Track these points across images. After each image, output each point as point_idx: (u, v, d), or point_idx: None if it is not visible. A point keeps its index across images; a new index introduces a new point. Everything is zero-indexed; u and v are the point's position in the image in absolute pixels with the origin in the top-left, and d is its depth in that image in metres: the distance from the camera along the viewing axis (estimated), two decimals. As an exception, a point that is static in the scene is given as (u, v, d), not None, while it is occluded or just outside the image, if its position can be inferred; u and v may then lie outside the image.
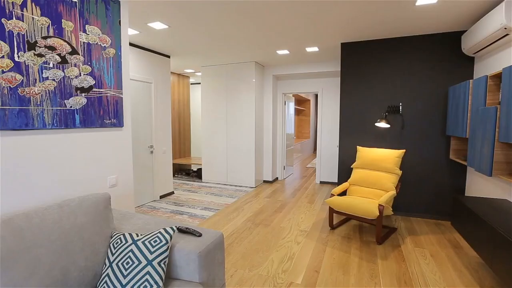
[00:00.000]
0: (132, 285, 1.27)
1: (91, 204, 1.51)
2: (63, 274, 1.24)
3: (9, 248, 1.12)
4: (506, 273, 1.59)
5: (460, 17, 2.80)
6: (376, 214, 2.66)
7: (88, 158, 1.97)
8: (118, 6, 2.18)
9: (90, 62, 1.96)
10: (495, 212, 2.05)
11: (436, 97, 3.37)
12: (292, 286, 2.11)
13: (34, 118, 1.64)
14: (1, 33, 1.47)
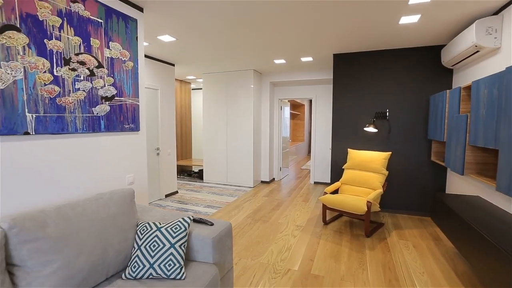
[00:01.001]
0: (159, 264, 1.54)
1: (120, 198, 1.77)
2: (103, 254, 1.51)
3: (62, 231, 1.38)
4: (476, 260, 1.87)
5: (438, 33, 3.14)
6: (365, 210, 2.96)
7: (110, 159, 2.23)
8: (135, 24, 2.45)
9: (112, 74, 2.23)
10: (468, 207, 2.37)
11: (419, 105, 3.70)
12: (290, 272, 2.38)
13: (68, 123, 1.90)
14: (43, 52, 1.74)
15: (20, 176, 1.61)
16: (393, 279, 2.28)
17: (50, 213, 1.39)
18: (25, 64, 1.64)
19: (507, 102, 1.75)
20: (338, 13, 2.60)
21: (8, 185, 1.55)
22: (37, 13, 1.70)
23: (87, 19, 2.02)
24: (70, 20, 1.90)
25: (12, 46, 1.57)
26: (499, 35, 2.40)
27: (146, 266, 1.54)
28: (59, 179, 1.83)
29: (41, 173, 1.72)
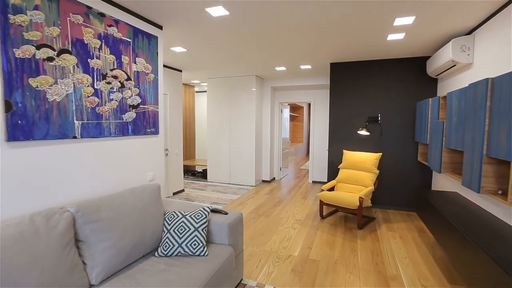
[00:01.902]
0: (186, 244, 1.89)
1: (150, 191, 2.13)
2: (142, 236, 1.86)
3: (112, 216, 1.74)
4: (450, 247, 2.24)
5: (423, 47, 3.51)
6: (357, 205, 3.33)
7: (135, 158, 2.58)
8: (156, 40, 2.81)
9: (138, 85, 2.58)
10: (445, 202, 2.74)
11: (407, 110, 4.08)
12: (291, 258, 2.74)
13: (104, 128, 2.25)
14: (87, 69, 2.09)
15: (70, 172, 1.96)
16: (380, 263, 2.65)
17: (101, 202, 1.75)
18: (74, 80, 1.99)
19: (469, 112, 2.12)
20: (334, 32, 2.97)
21: (63, 178, 1.90)
22: (83, 38, 2.05)
23: (119, 39, 2.37)
24: (107, 42, 2.25)
25: (65, 66, 1.92)
26: (472, 52, 2.78)
27: (175, 245, 1.89)
28: (98, 174, 2.18)
29: (85, 170, 2.07)
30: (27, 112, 1.71)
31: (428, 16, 2.53)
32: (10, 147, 1.62)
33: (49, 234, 1.41)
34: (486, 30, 2.54)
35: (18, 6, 1.65)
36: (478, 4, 2.27)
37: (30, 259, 1.28)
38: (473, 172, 2.02)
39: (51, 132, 1.84)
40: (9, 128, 1.62)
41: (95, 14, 2.14)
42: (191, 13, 2.55)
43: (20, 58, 1.67)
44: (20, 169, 1.66)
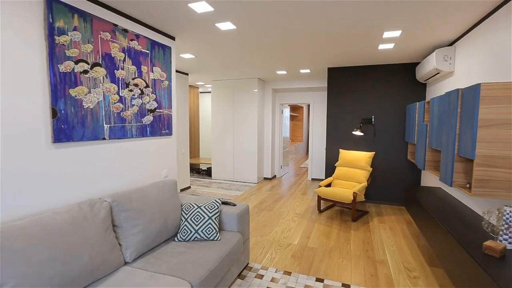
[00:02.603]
0: (202, 230, 2.21)
1: (169, 185, 2.45)
2: (164, 223, 2.18)
3: (140, 206, 2.05)
4: (430, 235, 2.57)
5: (412, 55, 3.82)
6: (351, 199, 3.65)
7: (152, 157, 2.90)
8: (170, 50, 3.11)
9: (155, 92, 2.89)
10: (429, 196, 3.06)
11: (398, 112, 4.40)
12: (291, 246, 3.07)
13: (127, 131, 2.56)
14: (114, 79, 2.40)
15: (101, 168, 2.27)
16: (370, 250, 2.97)
17: (131, 194, 2.06)
18: (104, 89, 2.30)
19: (445, 117, 2.43)
20: (331, 42, 3.27)
21: (96, 174, 2.22)
22: (111, 52, 2.36)
23: (140, 51, 2.68)
24: (129, 54, 2.56)
25: (97, 77, 2.23)
26: (453, 62, 3.09)
27: (192, 232, 2.22)
28: (123, 170, 2.49)
29: (113, 166, 2.39)
30: (68, 118, 2.02)
31: (413, 30, 2.84)
32: (55, 147, 1.93)
33: (94, 220, 1.73)
34: (464, 42, 2.86)
35: (61, 28, 1.95)
36: (455, 21, 2.58)
37: (82, 239, 1.60)
38: (447, 169, 2.34)
39: (86, 134, 2.16)
40: (55, 131, 1.93)
41: (120, 31, 2.45)
42: (202, 26, 2.86)
43: (63, 72, 1.98)
44: (64, 166, 1.98)
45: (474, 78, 2.59)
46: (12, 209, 1.65)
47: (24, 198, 1.72)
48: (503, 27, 2.14)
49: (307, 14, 2.47)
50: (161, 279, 1.65)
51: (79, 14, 2.08)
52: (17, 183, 1.68)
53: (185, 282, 1.64)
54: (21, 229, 1.38)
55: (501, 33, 2.17)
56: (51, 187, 1.88)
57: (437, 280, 2.42)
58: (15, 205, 1.67)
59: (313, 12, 2.42)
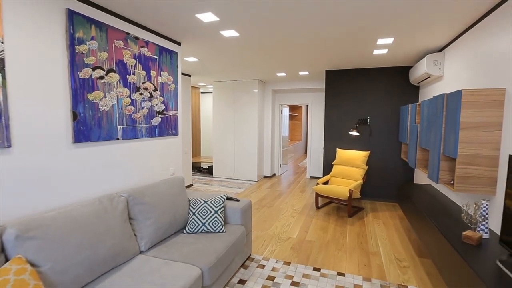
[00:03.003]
0: (208, 223, 2.41)
1: (177, 182, 2.64)
2: (174, 216, 2.37)
3: (153, 200, 2.25)
4: (419, 228, 2.77)
5: (405, 59, 4.02)
6: (347, 196, 3.85)
7: (160, 155, 3.08)
8: (176, 55, 3.30)
9: (163, 95, 3.08)
10: (419, 193, 3.27)
11: (392, 113, 4.60)
12: (290, 239, 3.27)
13: (138, 131, 2.75)
14: (126, 84, 2.58)
15: (115, 166, 2.46)
16: (364, 242, 3.18)
17: (145, 189, 2.26)
18: (117, 93, 2.49)
19: (433, 119, 2.63)
20: (328, 47, 3.46)
21: (110, 171, 2.41)
22: (124, 58, 2.55)
23: (149, 57, 2.86)
24: (140, 60, 2.74)
25: (111, 82, 2.42)
26: (442, 67, 3.29)
27: (199, 224, 2.41)
28: (134, 168, 2.68)
29: (125, 164, 2.58)
30: (86, 120, 2.20)
31: (404, 37, 3.03)
32: (75, 147, 2.12)
33: (114, 212, 1.92)
34: (452, 49, 3.06)
35: (80, 38, 2.14)
36: (442, 30, 2.78)
37: (105, 228, 1.79)
38: (434, 167, 2.55)
39: (102, 135, 2.34)
40: (75, 132, 2.12)
41: (132, 38, 2.64)
42: (207, 34, 3.04)
43: (82, 79, 2.16)
44: (83, 164, 2.17)
45: (461, 83, 2.79)
46: (39, 202, 1.85)
47: (49, 193, 1.91)
48: (485, 37, 2.34)
49: (306, 24, 2.66)
50: (174, 265, 1.84)
51: (96, 24, 2.26)
52: (43, 180, 1.87)
53: (196, 268, 1.83)
54: (53, 220, 1.58)
55: (483, 42, 2.36)
56: (72, 183, 2.07)
57: (424, 269, 2.62)
58: (42, 199, 1.86)
59: (312, 22, 2.61)
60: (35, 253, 1.42)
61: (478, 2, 2.14)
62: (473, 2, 2.13)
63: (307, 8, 2.28)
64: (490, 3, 2.15)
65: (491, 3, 2.14)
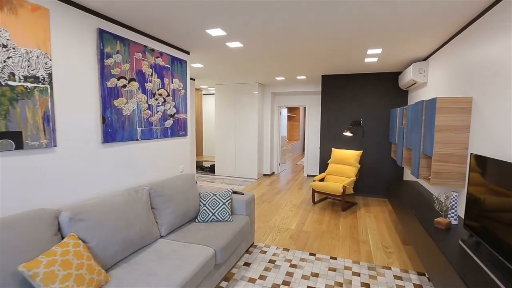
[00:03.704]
0: (217, 213, 2.75)
1: (189, 178, 2.98)
2: (188, 207, 2.71)
3: (170, 193, 2.59)
4: (404, 220, 3.13)
5: (394, 66, 4.38)
6: (341, 191, 4.21)
7: (172, 154, 3.42)
8: (186, 64, 3.64)
9: (174, 100, 3.42)
10: (406, 189, 3.62)
11: (384, 116, 4.96)
12: (289, 230, 3.62)
13: (154, 133, 3.09)
14: (144, 91, 2.92)
15: (135, 163, 2.80)
16: (355, 233, 3.54)
17: (163, 183, 2.60)
18: (137, 99, 2.82)
19: (414, 122, 2.98)
20: (323, 56, 3.81)
21: (132, 167, 2.74)
22: (142, 68, 2.88)
23: (163, 66, 3.20)
24: (155, 69, 3.08)
25: (132, 90, 2.76)
26: (427, 74, 3.65)
27: (210, 214, 2.75)
28: (150, 165, 3.02)
29: (143, 162, 2.91)
30: (112, 123, 2.54)
31: (392, 48, 3.39)
32: (104, 146, 2.46)
33: (140, 202, 2.26)
34: (435, 58, 3.41)
35: (108, 53, 2.47)
36: (423, 43, 3.13)
37: (134, 215, 2.13)
38: (415, 164, 2.90)
39: (125, 136, 2.68)
40: (104, 134, 2.45)
41: (149, 50, 2.97)
42: (214, 45, 3.38)
43: (109, 87, 2.50)
44: (109, 161, 2.50)
45: (442, 90, 3.15)
46: (78, 192, 2.18)
47: (86, 184, 2.25)
48: (460, 50, 2.69)
49: (304, 37, 3.00)
50: (191, 246, 2.19)
51: (120, 40, 2.60)
52: (80, 173, 2.21)
53: (210, 249, 2.17)
54: (95, 206, 1.91)
55: (459, 54, 2.72)
56: (102, 176, 2.41)
57: (407, 254, 2.98)
58: (80, 190, 2.20)
59: (309, 36, 2.96)
60: (84, 232, 1.76)
61: (454, 20, 2.49)
62: (450, 18, 2.48)
63: (305, 24, 2.63)
64: (463, 22, 2.50)
65: (464, 22, 2.49)
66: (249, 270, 2.62)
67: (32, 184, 1.89)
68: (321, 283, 2.42)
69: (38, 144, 1.92)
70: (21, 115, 1.83)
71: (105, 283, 1.68)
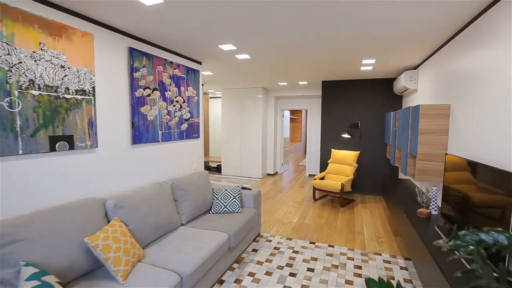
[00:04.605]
0: (229, 205, 3.15)
1: (204, 175, 3.38)
2: (203, 200, 3.11)
3: (189, 187, 2.99)
4: (395, 213, 3.51)
5: (389, 73, 4.76)
6: (339, 189, 4.59)
7: (186, 154, 3.82)
8: (198, 73, 4.05)
9: (189, 106, 3.83)
10: (398, 186, 3.99)
11: (380, 119, 5.33)
12: (291, 223, 4.00)
13: (172, 135, 3.50)
14: (164, 99, 3.33)
15: (157, 161, 3.21)
16: (352, 225, 3.92)
17: (183, 179, 3.00)
18: (158, 106, 3.23)
19: (403, 125, 3.36)
20: (322, 64, 4.21)
21: (155, 165, 3.15)
22: (163, 79, 3.29)
23: (179, 76, 3.61)
24: (173, 79, 3.49)
25: (155, 98, 3.17)
26: (417, 82, 4.03)
27: (222, 206, 3.15)
28: (169, 163, 3.42)
29: (163, 160, 3.32)
30: (139, 127, 2.95)
31: (384, 59, 3.77)
32: (132, 147, 2.87)
33: (165, 194, 2.66)
34: (423, 67, 3.79)
35: (136, 67, 2.89)
36: (413, 53, 3.51)
37: (163, 204, 2.54)
38: (403, 162, 3.28)
39: (149, 138, 3.09)
40: (133, 137, 2.86)
41: (168, 63, 3.38)
42: (224, 57, 3.78)
43: (137, 97, 2.91)
44: (137, 160, 2.91)
45: (429, 96, 3.53)
46: (116, 185, 2.59)
47: (121, 179, 2.66)
48: (443, 61, 3.07)
49: (305, 50, 3.40)
50: (208, 232, 2.58)
51: (146, 56, 3.01)
52: (115, 170, 2.62)
53: (225, 234, 2.57)
54: (130, 196, 2.32)
55: (442, 66, 3.10)
56: (132, 173, 2.82)
57: (396, 243, 3.36)
58: (117, 183, 2.61)
59: (309, 49, 3.35)
60: (125, 216, 2.17)
61: (435, 38, 2.87)
62: (432, 36, 2.86)
63: (306, 42, 3.03)
64: (443, 39, 2.89)
65: (443, 39, 2.87)
66: (256, 255, 3.02)
67: (80, 178, 2.30)
68: (319, 265, 2.81)
69: (84, 145, 2.34)
70: (73, 122, 2.24)
71: (143, 257, 2.08)
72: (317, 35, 2.78)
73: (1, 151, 1.80)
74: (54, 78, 2.10)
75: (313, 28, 2.57)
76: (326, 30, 2.63)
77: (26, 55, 1.92)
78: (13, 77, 1.85)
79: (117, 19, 2.40)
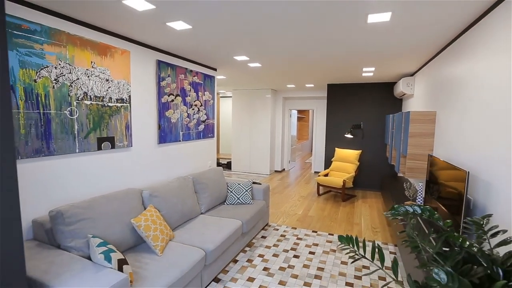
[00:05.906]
0: (241, 198, 3.60)
1: (219, 171, 3.84)
2: (219, 193, 3.57)
3: (207, 182, 3.45)
4: (388, 206, 3.90)
5: (389, 78, 5.10)
6: (341, 184, 4.98)
7: (202, 152, 4.28)
8: (214, 79, 4.48)
9: (205, 108, 4.27)
10: (394, 182, 4.37)
11: (381, 120, 5.69)
12: (296, 215, 4.43)
13: (191, 135, 3.96)
14: (185, 103, 3.78)
15: (178, 158, 3.68)
16: (351, 217, 4.32)
17: (201, 174, 3.46)
18: (180, 110, 3.69)
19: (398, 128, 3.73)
20: (327, 70, 4.59)
21: (176, 161, 3.62)
22: (184, 86, 3.75)
23: (198, 83, 4.06)
24: (192, 85, 3.94)
25: (177, 103, 3.62)
26: (413, 87, 4.38)
27: (235, 198, 3.60)
28: (188, 160, 3.89)
29: (183, 158, 3.79)
30: (164, 129, 3.41)
31: (383, 66, 4.13)
32: (159, 146, 3.33)
33: (188, 187, 3.13)
34: (419, 75, 4.14)
35: (163, 77, 3.34)
36: (409, 63, 3.87)
37: (186, 195, 3.00)
38: (397, 161, 3.66)
39: (172, 138, 3.55)
40: (159, 137, 3.33)
41: (189, 71, 3.83)
42: (237, 65, 4.21)
43: (163, 102, 3.37)
44: (162, 157, 3.38)
45: (422, 102, 3.88)
46: (146, 178, 3.07)
47: (150, 173, 3.14)
48: (433, 70, 3.43)
49: (311, 60, 3.80)
50: (225, 219, 3.04)
51: (171, 66, 3.46)
52: (146, 165, 3.10)
53: (239, 221, 3.02)
54: (161, 187, 2.79)
55: (432, 75, 3.46)
56: (158, 168, 3.29)
57: (389, 232, 3.75)
58: (147, 177, 3.09)
59: (315, 59, 3.75)
60: (158, 204, 2.63)
61: (427, 50, 3.24)
62: (424, 49, 3.23)
63: (313, 54, 3.43)
64: (434, 51, 3.25)
65: (435, 51, 3.23)
66: (265, 240, 3.46)
67: (119, 171, 2.78)
68: (319, 249, 3.23)
69: (122, 145, 2.81)
70: (114, 125, 2.71)
71: (173, 238, 2.55)
72: (323, 52, 3.17)
73: (64, 150, 2.28)
74: (101, 90, 2.57)
75: (319, 50, 2.97)
76: (329, 49, 3.02)
77: (82, 73, 2.39)
78: (73, 90, 2.33)
79: (149, 38, 2.85)
